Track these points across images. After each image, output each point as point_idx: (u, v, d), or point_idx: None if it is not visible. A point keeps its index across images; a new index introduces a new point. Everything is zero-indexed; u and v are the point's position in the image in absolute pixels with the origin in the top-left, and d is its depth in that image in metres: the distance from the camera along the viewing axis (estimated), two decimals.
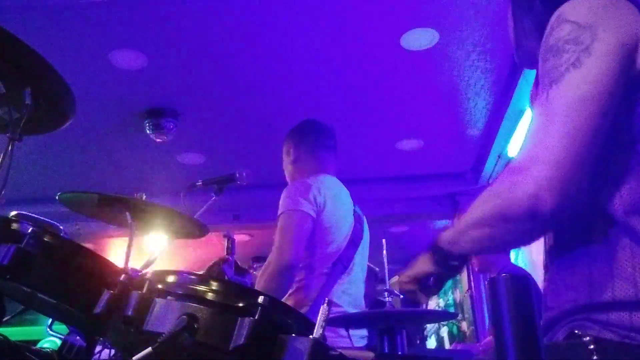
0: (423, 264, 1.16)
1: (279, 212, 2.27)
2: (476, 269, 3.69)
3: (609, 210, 0.89)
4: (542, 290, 1.05)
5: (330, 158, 2.53)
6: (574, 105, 0.85)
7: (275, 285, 2.13)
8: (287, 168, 2.55)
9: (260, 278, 2.21)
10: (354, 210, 2.46)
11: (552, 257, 1.01)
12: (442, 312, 5.42)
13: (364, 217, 2.54)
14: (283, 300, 2.15)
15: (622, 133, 0.89)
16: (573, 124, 0.84)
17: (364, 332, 2.36)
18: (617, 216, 0.88)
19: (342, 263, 2.33)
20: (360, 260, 2.43)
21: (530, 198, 0.84)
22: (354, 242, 2.40)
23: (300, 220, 2.22)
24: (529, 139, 0.90)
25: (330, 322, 2.21)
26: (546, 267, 1.04)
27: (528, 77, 3.69)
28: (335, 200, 2.35)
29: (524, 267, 4.18)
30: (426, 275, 1.16)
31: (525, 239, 0.97)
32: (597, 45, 0.86)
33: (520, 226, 0.89)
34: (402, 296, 2.89)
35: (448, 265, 1.10)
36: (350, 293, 2.31)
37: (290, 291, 2.25)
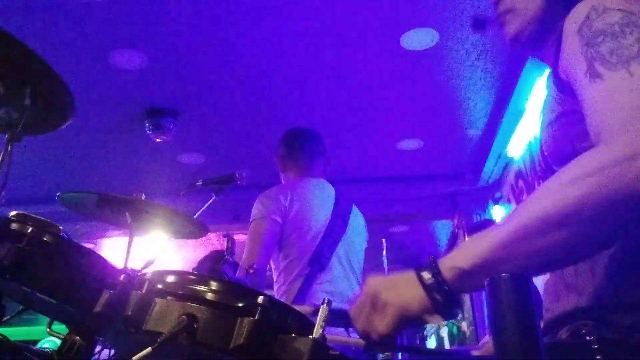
0: (416, 304, 0.80)
1: (249, 220, 2.38)
2: None
3: None
4: (541, 291, 1.04)
5: (315, 162, 2.63)
6: None
7: (249, 278, 2.23)
8: (281, 177, 2.66)
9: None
10: (336, 207, 2.49)
11: None
12: None
13: (354, 214, 2.56)
14: None
15: None
16: None
17: None
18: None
19: (319, 261, 2.35)
20: (344, 257, 2.44)
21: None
22: (332, 239, 2.41)
23: (265, 227, 2.33)
24: (623, 116, 0.75)
25: (331, 322, 2.23)
26: None
27: (528, 77, 3.69)
28: (305, 201, 2.42)
29: None
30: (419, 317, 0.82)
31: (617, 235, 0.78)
32: None
33: (628, 213, 0.70)
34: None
35: (456, 303, 0.79)
36: (330, 291, 2.31)
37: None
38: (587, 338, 0.86)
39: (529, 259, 0.75)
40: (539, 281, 1.06)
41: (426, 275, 0.80)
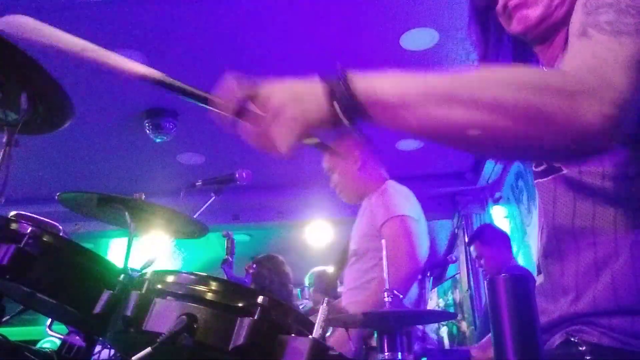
0: (315, 111, 0.77)
1: (395, 213, 2.28)
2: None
3: (617, 216, 0.87)
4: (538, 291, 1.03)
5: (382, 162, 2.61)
6: None
7: (410, 286, 2.20)
8: (353, 176, 2.50)
9: (395, 277, 2.20)
10: None
11: (550, 260, 0.98)
12: (441, 312, 5.42)
13: None
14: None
15: None
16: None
17: None
18: (625, 223, 0.86)
19: (424, 270, 2.36)
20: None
21: (592, 110, 0.69)
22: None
23: (413, 225, 2.28)
24: (593, 60, 0.76)
25: (330, 322, 2.24)
26: (539, 269, 1.01)
27: None
28: (420, 209, 2.43)
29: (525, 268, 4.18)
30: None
31: (546, 147, 0.73)
32: None
33: (557, 105, 0.69)
34: (402, 296, 2.91)
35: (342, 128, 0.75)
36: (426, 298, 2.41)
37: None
38: (580, 348, 0.85)
39: (465, 114, 0.71)
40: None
41: (335, 86, 0.76)
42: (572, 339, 0.87)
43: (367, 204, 2.44)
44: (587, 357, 0.83)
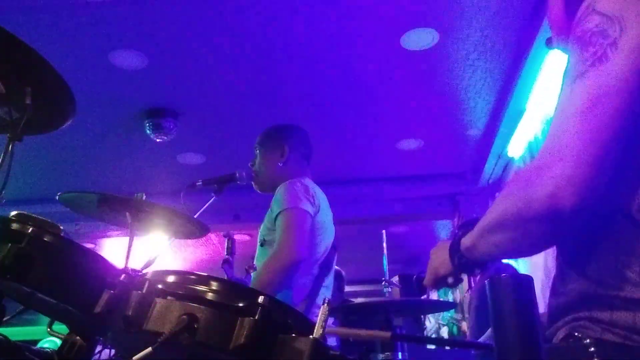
0: (443, 267, 1.17)
1: (282, 207, 2.29)
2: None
3: (627, 209, 0.86)
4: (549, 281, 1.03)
5: (309, 168, 2.62)
6: (596, 101, 0.82)
7: (282, 279, 2.18)
8: (272, 166, 2.53)
9: (263, 272, 2.20)
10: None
11: (562, 246, 0.98)
12: (440, 302, 5.40)
13: None
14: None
15: None
16: (594, 121, 0.81)
17: None
18: (635, 217, 0.85)
19: (327, 266, 2.41)
20: (334, 265, 2.53)
21: (549, 197, 0.81)
22: (335, 247, 2.48)
23: (305, 219, 2.28)
24: (549, 135, 0.87)
25: (330, 312, 2.23)
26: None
27: (528, 77, 3.69)
28: (325, 205, 2.43)
29: (524, 267, 4.17)
30: (445, 277, 1.22)
31: (546, 241, 0.91)
32: (625, 39, 0.83)
33: (540, 227, 0.85)
34: (400, 286, 2.90)
35: (469, 271, 1.11)
36: (327, 295, 2.38)
37: None
38: (585, 341, 0.85)
39: (492, 247, 0.99)
40: (538, 281, 1.06)
41: (454, 247, 1.12)
42: (575, 334, 0.87)
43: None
44: (592, 349, 0.84)
